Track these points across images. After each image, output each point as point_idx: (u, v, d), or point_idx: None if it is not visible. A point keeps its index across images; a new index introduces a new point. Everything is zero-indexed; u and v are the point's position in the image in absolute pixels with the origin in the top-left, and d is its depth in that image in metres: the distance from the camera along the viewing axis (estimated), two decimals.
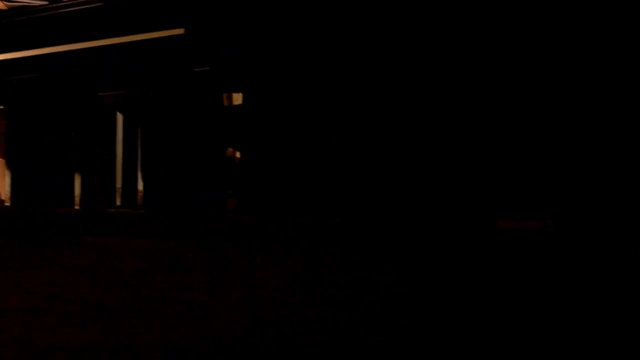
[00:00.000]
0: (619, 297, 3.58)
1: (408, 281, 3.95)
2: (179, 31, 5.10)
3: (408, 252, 4.57)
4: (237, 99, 5.36)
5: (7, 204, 6.68)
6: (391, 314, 3.35)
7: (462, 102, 5.24)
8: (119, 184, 6.10)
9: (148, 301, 3.42)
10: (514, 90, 5.11)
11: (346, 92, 5.37)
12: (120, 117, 5.98)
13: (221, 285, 3.62)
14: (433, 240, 4.75)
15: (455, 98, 5.25)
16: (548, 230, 4.83)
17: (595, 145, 4.71)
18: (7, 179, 6.67)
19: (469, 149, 5.26)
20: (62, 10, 5.64)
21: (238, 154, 5.49)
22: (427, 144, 5.29)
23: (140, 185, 6.05)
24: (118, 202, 6.09)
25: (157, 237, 4.53)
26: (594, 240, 4.30)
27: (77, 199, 6.22)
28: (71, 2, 5.65)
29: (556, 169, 4.96)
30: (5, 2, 6.93)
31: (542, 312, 3.45)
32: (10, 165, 6.69)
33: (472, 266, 4.40)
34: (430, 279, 4.05)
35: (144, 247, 4.39)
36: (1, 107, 6.37)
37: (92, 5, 5.49)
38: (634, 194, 4.45)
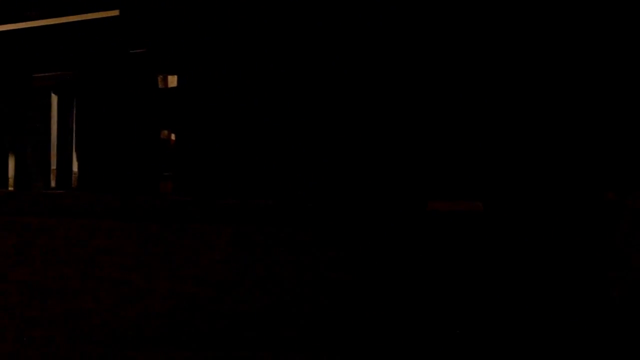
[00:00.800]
0: (546, 278, 3.69)
1: (339, 261, 4.02)
2: (114, 12, 5.10)
3: (340, 232, 4.64)
4: (172, 81, 5.38)
5: None
6: (320, 293, 3.41)
7: (392, 85, 5.31)
8: (53, 165, 6.07)
9: (80, 279, 3.44)
10: (443, 75, 5.20)
11: (279, 75, 5.41)
12: (54, 99, 5.96)
13: (151, 265, 3.65)
14: (364, 220, 4.82)
15: (386, 81, 5.32)
16: (477, 212, 4.93)
17: (523, 129, 4.82)
18: None
19: (401, 132, 5.33)
20: None
21: (173, 136, 5.51)
22: (357, 125, 5.36)
23: (76, 167, 6.04)
24: (53, 184, 6.07)
25: (91, 217, 4.54)
26: (523, 223, 4.41)
27: (11, 181, 6.18)
28: None
29: (486, 152, 5.06)
30: None
31: (470, 291, 3.54)
32: None
33: (403, 246, 4.48)
34: (361, 258, 4.12)
35: (77, 228, 4.40)
36: None
37: None
38: (561, 176, 4.58)
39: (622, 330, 2.61)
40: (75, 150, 6.02)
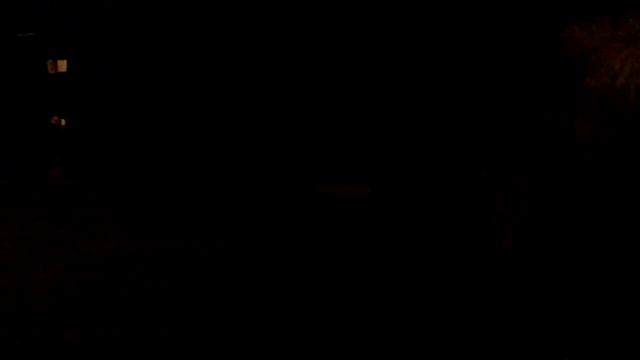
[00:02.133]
0: (423, 254, 3.82)
1: (234, 241, 4.08)
2: None
3: (233, 214, 4.70)
4: (62, 65, 5.34)
5: None
6: (213, 273, 3.46)
7: (285, 75, 5.39)
8: None
9: None
10: (335, 64, 5.30)
11: (170, 58, 5.43)
12: None
13: (39, 251, 3.65)
14: (256, 202, 4.89)
15: (276, 71, 5.39)
16: (366, 196, 5.05)
17: (408, 119, 4.94)
18: None
19: (293, 121, 5.42)
20: None
21: (63, 122, 5.47)
22: (248, 113, 5.42)
23: None
24: None
25: None
26: (402, 203, 4.54)
27: None
28: None
29: (375, 139, 5.18)
30: None
31: (353, 268, 3.64)
32: None
33: (294, 227, 4.57)
34: (255, 236, 4.19)
35: None
36: None
37: None
38: (445, 161, 4.72)
39: (488, 304, 2.73)
40: None
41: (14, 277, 3.23)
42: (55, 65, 5.35)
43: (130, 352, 2.22)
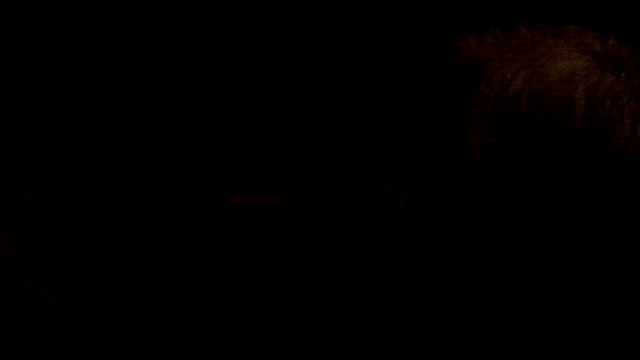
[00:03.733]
0: (328, 265, 3.85)
1: (137, 251, 4.05)
2: None
3: (138, 224, 4.66)
4: None
5: None
6: (116, 283, 3.43)
7: (187, 69, 5.37)
8: None
9: None
10: (235, 65, 5.30)
11: (73, 58, 5.37)
12: None
13: None
14: (163, 211, 4.86)
15: (182, 63, 5.37)
16: (275, 205, 5.07)
17: (312, 124, 4.97)
18: None
19: (200, 128, 5.40)
20: None
21: None
22: (152, 121, 5.39)
23: None
24: None
25: None
26: (312, 213, 4.57)
27: None
28: None
29: (283, 146, 5.20)
30: None
31: (262, 279, 3.65)
32: None
33: (203, 235, 4.55)
34: (160, 247, 4.16)
35: None
36: None
37: None
38: (343, 166, 4.76)
39: (390, 314, 2.76)
40: None
41: None
42: None
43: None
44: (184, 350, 2.64)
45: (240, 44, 5.31)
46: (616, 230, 1.95)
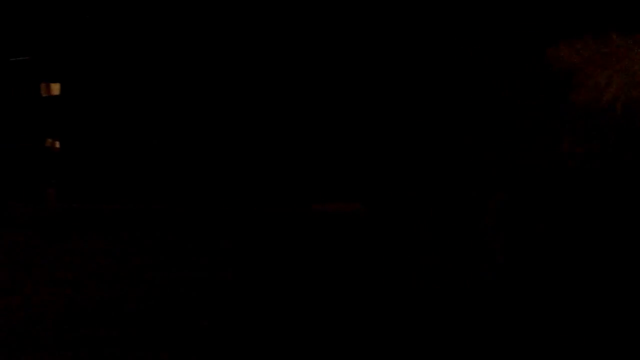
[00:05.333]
0: (417, 274, 3.83)
1: (225, 264, 4.08)
2: None
3: (229, 234, 4.69)
4: (55, 89, 5.36)
5: None
6: (204, 297, 3.46)
7: (274, 87, 5.40)
8: None
9: None
10: (323, 72, 5.31)
11: (161, 83, 5.44)
12: None
13: (29, 274, 3.64)
14: (251, 224, 4.89)
15: (267, 82, 5.40)
16: (356, 213, 5.06)
17: (395, 135, 4.96)
18: None
19: (287, 137, 5.43)
20: None
21: (57, 144, 5.48)
22: (242, 132, 5.43)
23: None
24: None
25: None
26: (396, 222, 4.56)
27: None
28: None
29: (364, 157, 5.19)
30: None
31: (349, 287, 3.65)
32: None
33: (289, 247, 4.57)
34: (249, 260, 4.19)
35: None
36: None
37: None
38: (429, 176, 4.74)
39: (483, 324, 2.75)
40: None
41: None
42: (49, 89, 5.38)
43: None
44: (274, 350, 2.67)
45: (324, 60, 5.34)
46: None
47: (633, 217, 2.05)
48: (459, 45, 4.31)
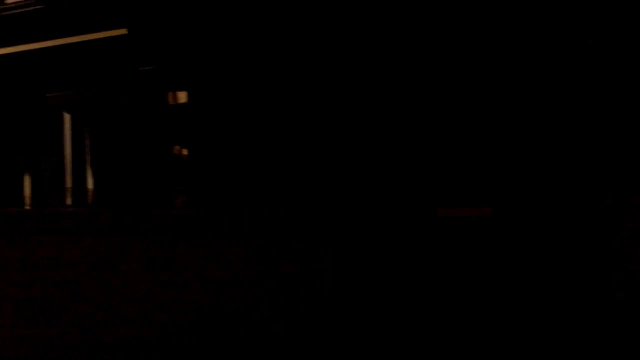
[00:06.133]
0: (551, 281, 3.69)
1: (349, 271, 4.03)
2: (122, 31, 5.16)
3: (351, 241, 4.65)
4: (182, 97, 5.43)
5: None
6: (328, 305, 3.42)
7: (399, 86, 5.32)
8: (68, 183, 6.13)
9: (94, 295, 3.47)
10: (451, 76, 5.20)
11: (285, 85, 5.44)
12: (67, 117, 6.02)
13: (158, 278, 3.68)
14: (376, 230, 4.83)
15: (392, 81, 5.33)
16: (486, 217, 4.93)
17: (529, 137, 4.82)
18: None
19: (411, 138, 5.34)
20: (6, 13, 5.67)
21: (185, 152, 5.55)
22: (372, 136, 5.38)
23: (90, 184, 6.09)
24: (69, 202, 6.12)
25: (102, 233, 4.59)
26: (529, 227, 4.42)
27: (27, 200, 6.25)
28: (15, 4, 5.68)
29: (494, 159, 5.06)
30: None
31: (482, 297, 3.54)
32: None
33: (415, 254, 4.48)
34: (374, 268, 4.13)
35: (91, 244, 4.43)
36: None
37: (35, 7, 5.52)
38: (564, 179, 4.58)
39: (626, 331, 2.62)
40: (90, 168, 6.07)
41: (136, 303, 3.27)
42: (175, 97, 5.45)
43: None
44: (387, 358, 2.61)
45: (455, 56, 5.23)
46: None
47: None
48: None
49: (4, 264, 3.92)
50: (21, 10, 5.68)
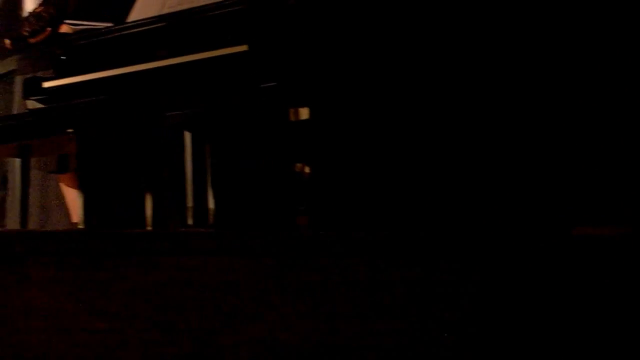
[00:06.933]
0: None
1: (488, 293, 3.83)
2: (243, 48, 5.07)
3: (485, 262, 4.43)
4: (304, 113, 5.31)
5: (80, 226, 6.73)
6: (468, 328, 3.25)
7: (536, 97, 5.12)
8: (189, 202, 6.09)
9: (218, 318, 3.38)
10: (599, 82, 4.97)
11: (415, 105, 5.30)
12: (188, 136, 5.99)
13: (292, 301, 3.56)
14: (509, 249, 4.61)
15: (529, 93, 5.13)
16: (627, 237, 4.66)
17: None
18: (80, 202, 6.72)
19: (549, 152, 5.12)
20: (126, 32, 5.67)
21: (307, 169, 5.43)
22: (506, 148, 5.18)
23: (212, 204, 6.05)
24: (190, 222, 6.09)
25: (226, 255, 4.50)
26: None
27: (148, 220, 6.24)
28: (135, 23, 5.68)
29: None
30: (70, 26, 7.00)
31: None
32: (82, 188, 6.74)
33: (549, 276, 4.24)
34: (509, 291, 3.91)
35: (215, 266, 4.35)
36: (70, 130, 6.43)
37: (155, 26, 5.51)
38: None
39: None
40: (211, 187, 6.03)
41: (242, 326, 3.17)
42: (297, 113, 5.34)
43: None
44: None
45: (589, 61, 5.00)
46: None
47: None
48: None
49: (133, 285, 3.86)
50: (141, 29, 5.68)
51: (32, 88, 6.15)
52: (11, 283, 4.09)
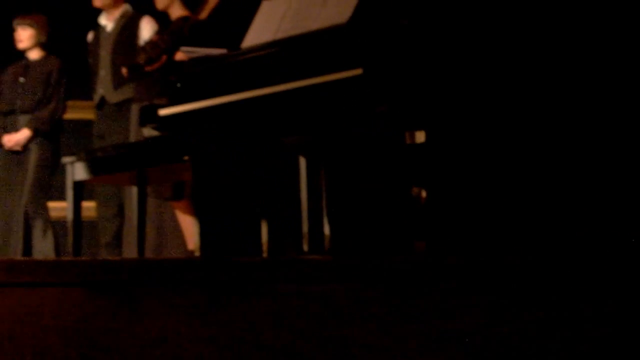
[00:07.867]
0: None
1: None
2: (357, 71, 5.00)
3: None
4: (420, 136, 5.20)
5: (196, 253, 6.77)
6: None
7: None
8: (305, 229, 6.05)
9: (331, 346, 3.30)
10: None
11: (532, 125, 5.14)
12: (303, 161, 5.95)
13: (411, 331, 3.46)
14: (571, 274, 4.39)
15: None
16: None
17: None
18: (196, 228, 6.76)
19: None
20: (240, 58, 5.68)
21: (424, 193, 5.31)
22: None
23: (327, 229, 5.99)
24: (305, 248, 6.04)
25: (344, 283, 4.43)
26: None
27: (264, 246, 6.23)
28: (248, 49, 5.68)
29: None
30: (185, 53, 7.08)
31: None
32: (199, 215, 6.78)
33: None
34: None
35: (334, 294, 4.28)
36: (187, 157, 6.49)
37: (269, 51, 5.49)
38: None
39: None
40: (326, 212, 5.97)
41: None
42: (413, 137, 5.24)
43: None
44: None
45: None
46: None
47: None
48: None
49: (252, 315, 3.81)
50: (255, 54, 5.68)
51: (149, 115, 6.20)
52: (126, 310, 4.10)
